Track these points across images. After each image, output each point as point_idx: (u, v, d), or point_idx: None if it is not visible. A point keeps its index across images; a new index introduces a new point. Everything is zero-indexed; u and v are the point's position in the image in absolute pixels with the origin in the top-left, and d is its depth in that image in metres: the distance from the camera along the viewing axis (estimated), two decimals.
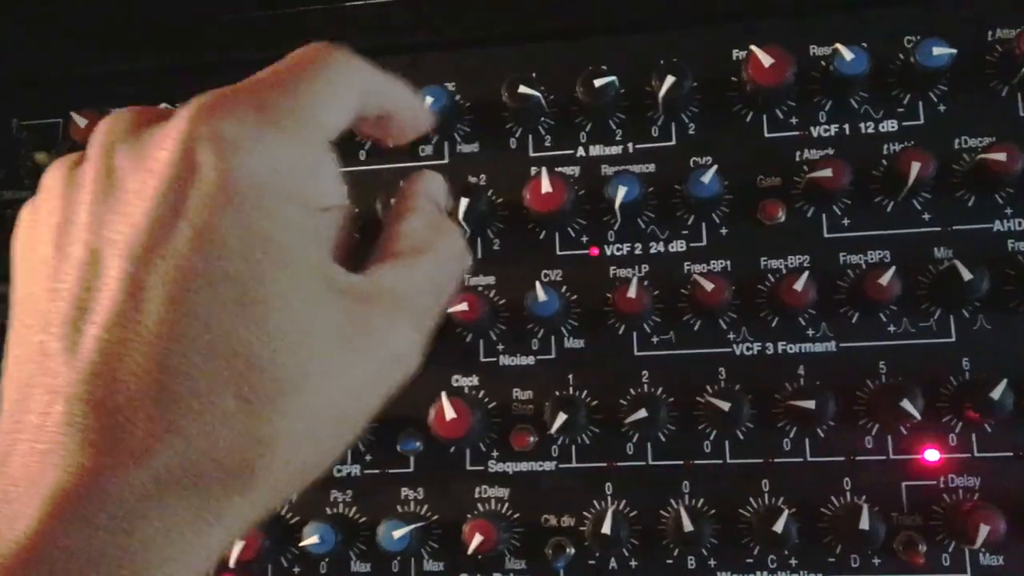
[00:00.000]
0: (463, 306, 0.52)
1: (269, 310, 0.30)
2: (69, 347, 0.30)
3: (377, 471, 0.54)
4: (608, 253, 0.55)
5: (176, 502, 0.29)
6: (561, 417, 0.50)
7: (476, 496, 0.54)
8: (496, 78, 0.55)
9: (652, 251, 0.54)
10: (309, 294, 0.31)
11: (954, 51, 0.50)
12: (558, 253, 0.55)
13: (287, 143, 0.32)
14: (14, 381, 0.32)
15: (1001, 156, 0.49)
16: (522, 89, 0.53)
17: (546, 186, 0.52)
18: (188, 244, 0.30)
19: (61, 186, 0.33)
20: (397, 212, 0.37)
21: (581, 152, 0.56)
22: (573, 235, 0.55)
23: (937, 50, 0.50)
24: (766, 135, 0.54)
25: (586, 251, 0.55)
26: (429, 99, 0.54)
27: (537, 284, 0.51)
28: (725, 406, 0.49)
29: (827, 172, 0.50)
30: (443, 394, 0.51)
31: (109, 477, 0.28)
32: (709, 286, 0.50)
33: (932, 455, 0.49)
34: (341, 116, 0.34)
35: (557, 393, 0.53)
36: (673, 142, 0.55)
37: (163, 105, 0.56)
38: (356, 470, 0.55)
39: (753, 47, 0.51)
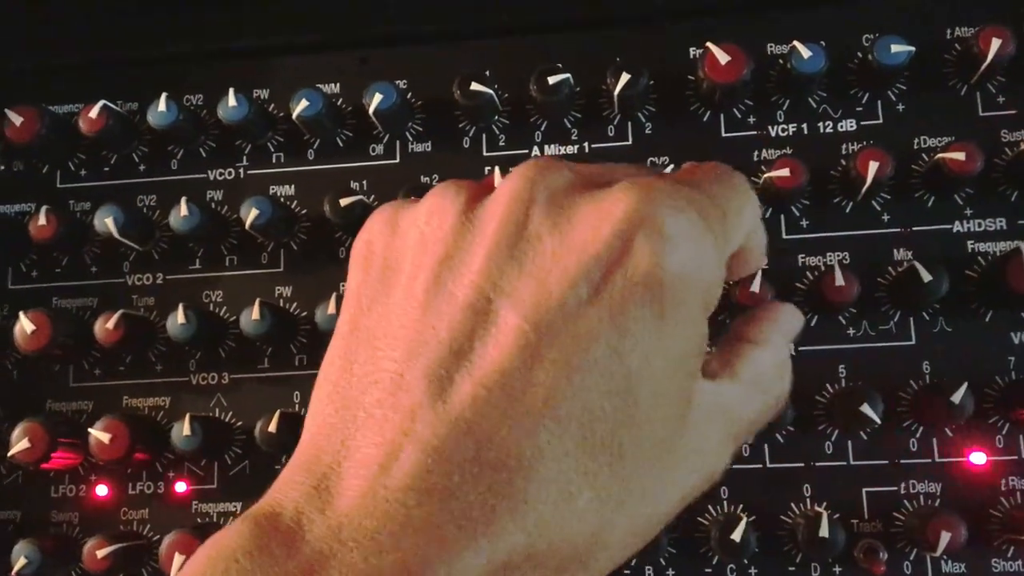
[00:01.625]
0: None
1: (646, 414, 0.29)
2: (437, 392, 0.28)
3: None
4: None
5: None
6: None
7: None
8: (449, 75, 0.53)
9: None
10: (679, 406, 0.31)
11: (912, 49, 0.50)
12: None
13: (715, 254, 0.31)
14: (342, 396, 0.30)
15: (960, 156, 0.48)
16: (474, 86, 0.52)
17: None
18: (599, 327, 0.28)
19: (454, 217, 0.32)
20: (750, 334, 0.36)
21: (536, 152, 0.55)
22: None
23: (895, 48, 0.50)
24: (723, 134, 0.53)
25: None
26: (378, 96, 0.52)
27: None
28: None
29: (784, 172, 0.49)
30: None
31: (456, 550, 0.26)
32: None
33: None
34: (740, 242, 0.34)
35: None
36: (629, 142, 0.54)
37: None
38: None
39: (709, 44, 0.50)
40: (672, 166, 0.50)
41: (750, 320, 0.36)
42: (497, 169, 0.43)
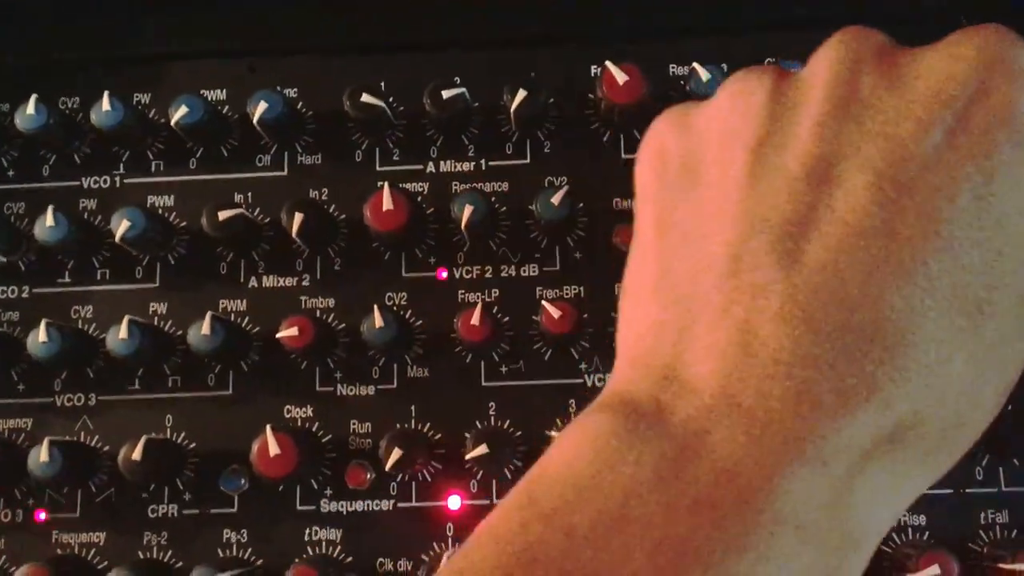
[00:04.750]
0: (293, 331, 0.47)
1: (1013, 265, 0.28)
2: (788, 264, 0.27)
3: (197, 511, 0.49)
4: (457, 276, 0.51)
5: (891, 462, 0.27)
6: (396, 453, 0.46)
7: (306, 539, 0.49)
8: (342, 87, 0.51)
9: (503, 275, 0.51)
10: None
11: None
12: (404, 275, 0.51)
13: None
14: (668, 293, 0.30)
15: None
16: (365, 98, 0.50)
17: (387, 203, 0.48)
18: (962, 172, 0.27)
19: (764, 97, 0.31)
20: None
21: (431, 168, 0.53)
22: (420, 256, 0.51)
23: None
24: (623, 155, 0.52)
25: (433, 273, 0.51)
26: (263, 104, 0.49)
27: (375, 309, 0.48)
28: None
29: None
30: (267, 428, 0.46)
31: (840, 420, 0.26)
32: (556, 313, 0.47)
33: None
34: None
35: (397, 426, 0.49)
36: (528, 160, 0.52)
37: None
38: (173, 510, 0.49)
39: (608, 63, 0.49)
40: (567, 188, 0.48)
41: None
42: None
